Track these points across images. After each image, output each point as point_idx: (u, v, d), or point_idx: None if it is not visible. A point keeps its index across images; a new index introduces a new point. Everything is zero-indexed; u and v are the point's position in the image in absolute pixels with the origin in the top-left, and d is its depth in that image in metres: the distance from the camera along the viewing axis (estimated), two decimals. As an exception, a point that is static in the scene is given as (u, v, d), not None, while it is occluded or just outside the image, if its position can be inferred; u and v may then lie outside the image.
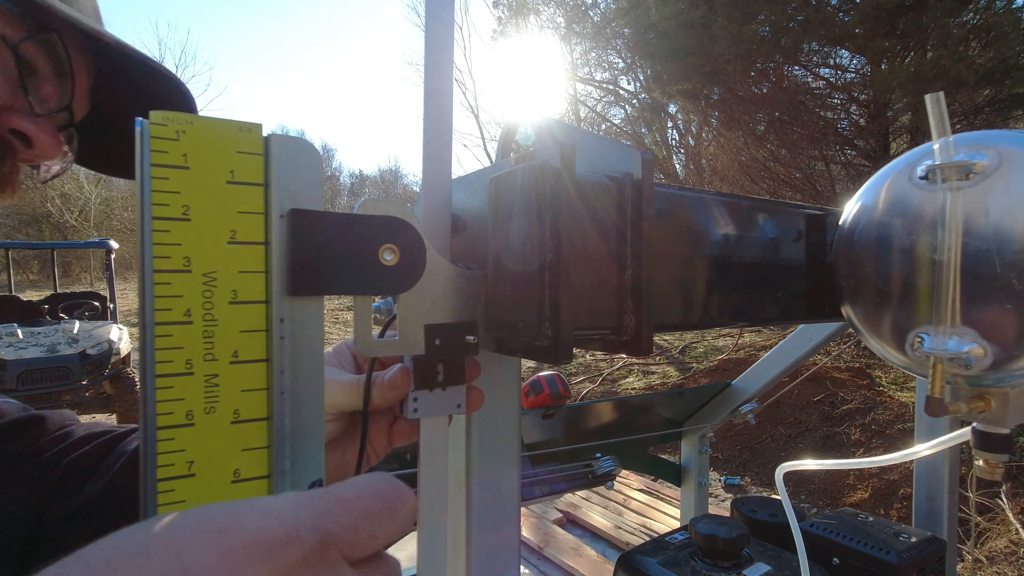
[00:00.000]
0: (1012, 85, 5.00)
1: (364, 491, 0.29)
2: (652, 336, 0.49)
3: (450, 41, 0.50)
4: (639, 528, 2.93)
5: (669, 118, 9.89)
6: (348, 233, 0.42)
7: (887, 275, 0.67)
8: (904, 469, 3.63)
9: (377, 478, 0.30)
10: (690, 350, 7.37)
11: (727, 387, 1.43)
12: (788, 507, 0.74)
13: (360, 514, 0.28)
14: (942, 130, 0.61)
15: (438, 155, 0.50)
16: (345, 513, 0.27)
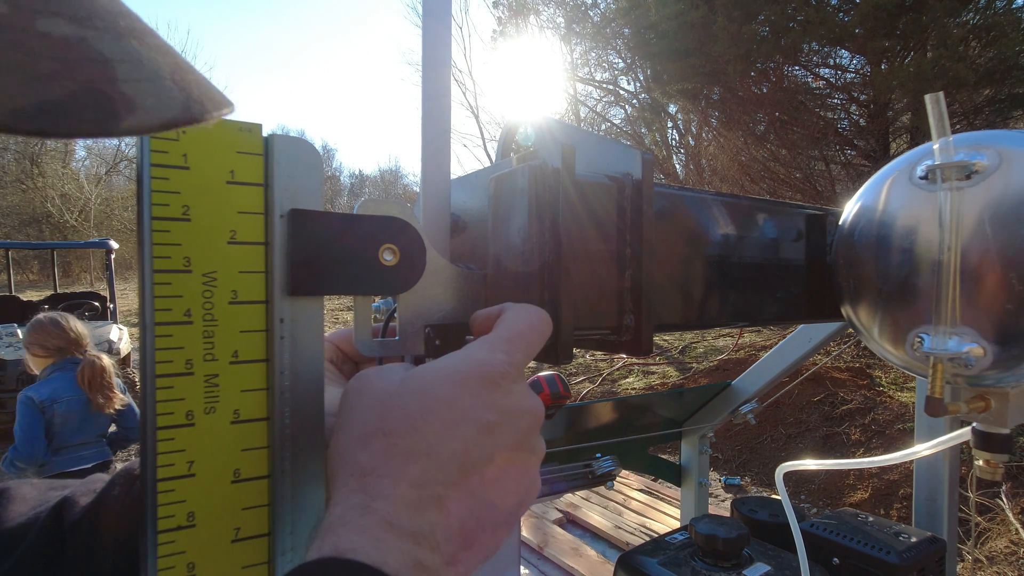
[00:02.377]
0: (1012, 85, 5.00)
1: (532, 325, 0.39)
2: (652, 336, 0.49)
3: (448, 41, 0.50)
4: (639, 528, 2.94)
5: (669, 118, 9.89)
6: (348, 233, 0.42)
7: (887, 275, 0.67)
8: (904, 469, 3.63)
9: (537, 313, 0.40)
10: (690, 350, 7.37)
11: (727, 387, 1.43)
12: (788, 507, 0.74)
13: (530, 342, 0.39)
14: (942, 130, 0.61)
15: (438, 155, 0.50)
16: (524, 344, 0.38)
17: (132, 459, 0.57)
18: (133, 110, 0.24)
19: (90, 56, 0.23)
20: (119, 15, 0.25)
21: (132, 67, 0.24)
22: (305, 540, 0.41)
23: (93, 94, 0.23)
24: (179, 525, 0.36)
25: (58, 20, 0.22)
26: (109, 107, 0.24)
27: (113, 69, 0.24)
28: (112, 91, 0.23)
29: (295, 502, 0.40)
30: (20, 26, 0.21)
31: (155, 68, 0.25)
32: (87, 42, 0.23)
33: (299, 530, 0.40)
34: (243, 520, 0.38)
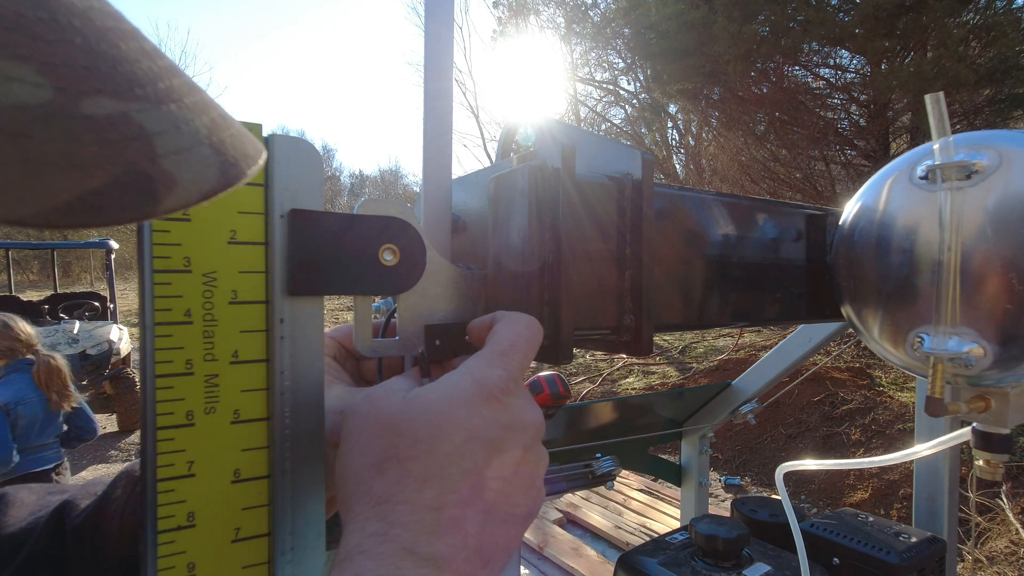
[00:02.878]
0: (1012, 85, 5.00)
1: (523, 334, 0.40)
2: (652, 336, 0.49)
3: (450, 41, 0.50)
4: (639, 528, 2.94)
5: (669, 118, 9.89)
6: (348, 233, 0.42)
7: (887, 275, 0.67)
8: (904, 469, 3.63)
9: (526, 321, 0.41)
10: (690, 350, 7.37)
11: (727, 387, 1.43)
12: (788, 507, 0.74)
13: (524, 352, 0.39)
14: (942, 130, 0.61)
15: (438, 155, 0.50)
16: (519, 356, 0.39)
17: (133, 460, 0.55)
18: (172, 188, 0.24)
19: (131, 133, 0.22)
20: (158, 76, 0.24)
21: (171, 137, 0.24)
22: (304, 540, 0.41)
23: (134, 176, 0.23)
24: (179, 525, 0.36)
25: (101, 98, 0.22)
26: (150, 189, 0.23)
27: (153, 145, 0.23)
28: (153, 170, 0.23)
29: (295, 502, 0.40)
30: (66, 112, 0.21)
31: (193, 132, 0.25)
32: (129, 117, 0.23)
33: (299, 530, 0.40)
34: (243, 520, 0.38)
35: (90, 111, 0.21)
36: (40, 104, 0.20)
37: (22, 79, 0.19)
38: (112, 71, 0.22)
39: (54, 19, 0.21)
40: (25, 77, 0.20)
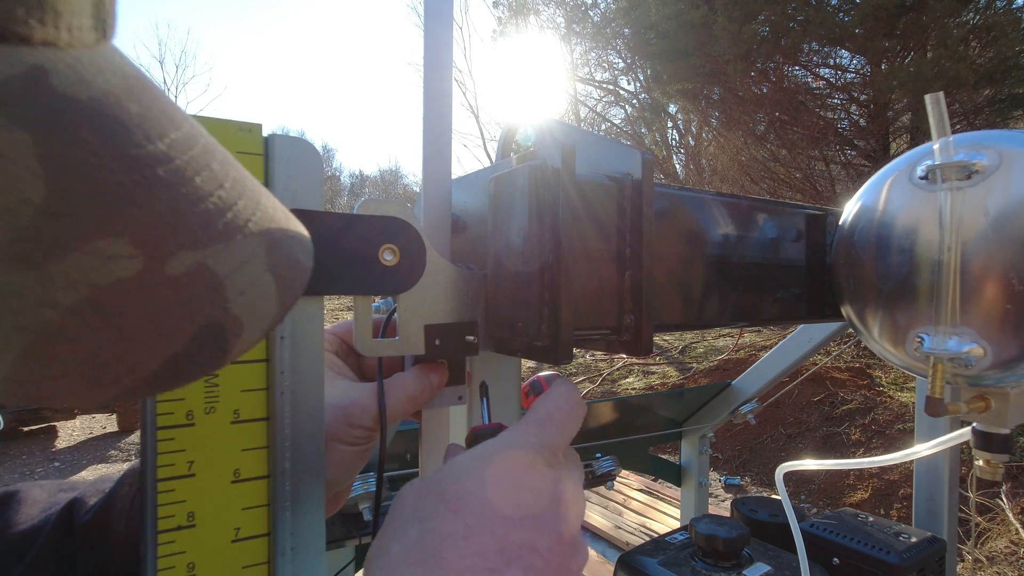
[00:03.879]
0: (1012, 85, 5.00)
1: (563, 407, 0.40)
2: (652, 336, 0.49)
3: (449, 41, 0.50)
4: (639, 528, 2.94)
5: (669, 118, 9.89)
6: (348, 233, 0.42)
7: (887, 275, 0.67)
8: (904, 469, 3.63)
9: (565, 394, 0.41)
10: (690, 350, 7.37)
11: (727, 387, 1.43)
12: (788, 507, 0.74)
13: (565, 425, 0.40)
14: (942, 130, 0.61)
15: (438, 155, 0.50)
16: (559, 428, 0.39)
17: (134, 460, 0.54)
18: (240, 333, 0.23)
19: (207, 283, 0.22)
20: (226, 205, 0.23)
21: (239, 276, 0.23)
22: (304, 540, 0.41)
23: (209, 331, 0.22)
24: (179, 525, 0.36)
25: (182, 253, 0.21)
26: (222, 340, 0.22)
27: (225, 290, 0.22)
28: (224, 319, 0.22)
29: (295, 502, 0.40)
30: (154, 279, 0.20)
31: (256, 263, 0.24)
32: (204, 266, 0.21)
33: (299, 530, 0.40)
34: (243, 520, 0.38)
35: (173, 271, 0.20)
36: (132, 276, 0.19)
37: (118, 254, 0.19)
38: (190, 218, 0.21)
39: (144, 178, 0.20)
40: (121, 252, 0.19)
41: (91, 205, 0.18)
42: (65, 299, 0.18)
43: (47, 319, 0.17)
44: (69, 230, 0.18)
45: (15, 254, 0.17)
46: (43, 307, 0.17)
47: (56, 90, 0.18)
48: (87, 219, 0.18)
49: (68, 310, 0.18)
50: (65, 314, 0.18)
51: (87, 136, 0.18)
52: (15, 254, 0.17)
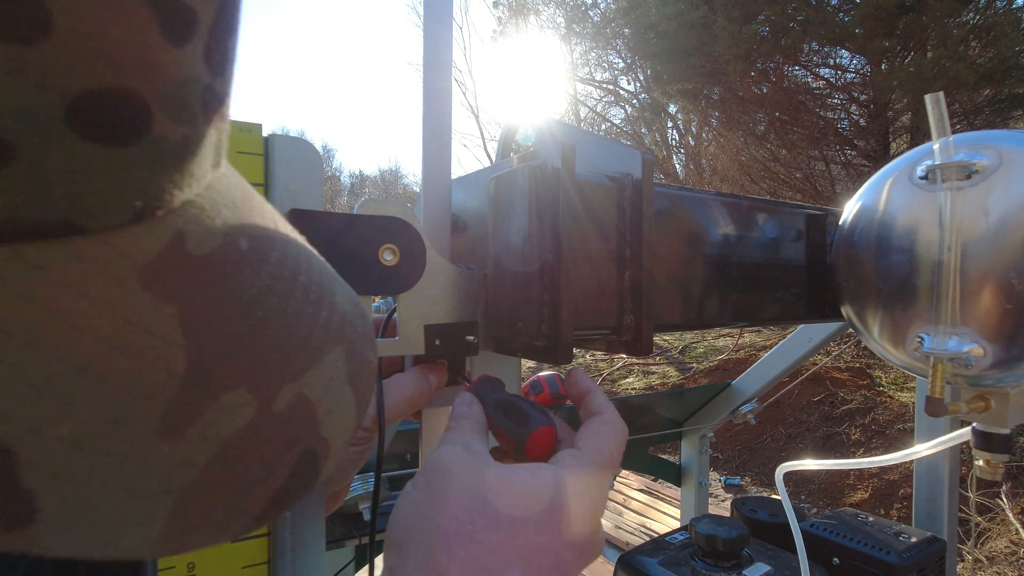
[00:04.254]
0: (1012, 85, 5.00)
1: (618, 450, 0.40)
2: (652, 336, 0.49)
3: (449, 41, 0.50)
4: (639, 528, 2.94)
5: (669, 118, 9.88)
6: (348, 233, 0.42)
7: (887, 275, 0.67)
8: (904, 469, 3.63)
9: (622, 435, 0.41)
10: (690, 350, 7.37)
11: (727, 387, 1.43)
12: (788, 507, 0.74)
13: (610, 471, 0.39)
14: (942, 130, 0.61)
15: (438, 155, 0.50)
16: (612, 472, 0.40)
17: None
18: (328, 454, 0.23)
19: (304, 413, 0.21)
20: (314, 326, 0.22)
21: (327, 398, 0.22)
22: (304, 540, 0.41)
23: (306, 459, 0.22)
24: (179, 525, 0.36)
25: (285, 388, 0.20)
26: (315, 465, 0.22)
27: (316, 415, 0.22)
28: (317, 444, 0.22)
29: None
30: (264, 421, 0.20)
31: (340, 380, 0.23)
32: (302, 396, 0.21)
33: (299, 530, 0.40)
34: (243, 520, 0.38)
35: (278, 408, 0.20)
36: (248, 423, 0.19)
37: (238, 405, 0.19)
38: (289, 350, 0.21)
39: (256, 320, 0.20)
40: (240, 401, 0.19)
41: (218, 364, 0.19)
42: (200, 458, 0.18)
43: (187, 479, 0.18)
44: (203, 393, 0.18)
45: (163, 427, 0.17)
46: (184, 468, 0.18)
47: (192, 254, 0.19)
48: (216, 378, 0.18)
49: (202, 468, 0.18)
50: (200, 472, 0.18)
51: (216, 295, 0.19)
52: (163, 427, 0.17)
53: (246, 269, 0.20)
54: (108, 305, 0.17)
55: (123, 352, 0.17)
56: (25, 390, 0.15)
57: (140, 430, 0.17)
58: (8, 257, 0.15)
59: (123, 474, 0.17)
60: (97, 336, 0.16)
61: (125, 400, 0.17)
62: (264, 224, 0.23)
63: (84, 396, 0.16)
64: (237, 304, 0.20)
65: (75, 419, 0.16)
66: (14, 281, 0.15)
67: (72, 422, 0.16)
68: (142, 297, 0.17)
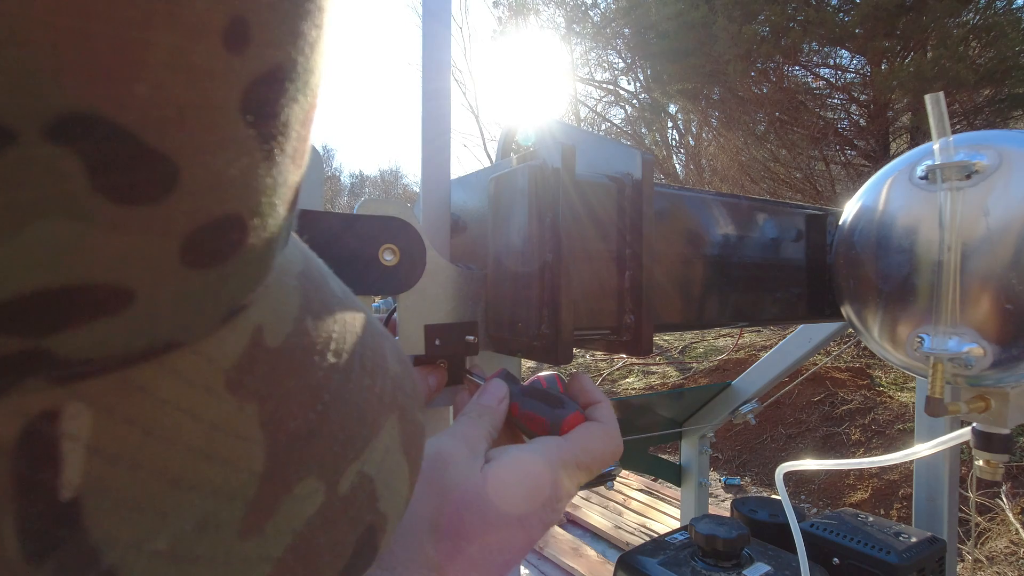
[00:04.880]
0: (1012, 85, 5.00)
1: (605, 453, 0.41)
2: (652, 336, 0.49)
3: (448, 41, 0.50)
4: (639, 528, 2.94)
5: (669, 118, 9.88)
6: (348, 233, 0.42)
7: (887, 275, 0.67)
8: (904, 469, 3.63)
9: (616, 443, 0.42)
10: (690, 350, 7.37)
11: (727, 387, 1.43)
12: (788, 507, 0.74)
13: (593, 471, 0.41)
14: (942, 130, 0.61)
15: (438, 155, 0.50)
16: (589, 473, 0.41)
17: None
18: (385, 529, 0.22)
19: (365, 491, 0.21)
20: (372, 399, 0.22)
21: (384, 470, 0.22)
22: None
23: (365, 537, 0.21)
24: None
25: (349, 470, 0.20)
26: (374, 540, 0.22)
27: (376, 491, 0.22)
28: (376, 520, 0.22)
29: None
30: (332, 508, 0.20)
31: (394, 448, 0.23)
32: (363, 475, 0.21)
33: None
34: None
35: (343, 491, 0.20)
36: (317, 510, 0.19)
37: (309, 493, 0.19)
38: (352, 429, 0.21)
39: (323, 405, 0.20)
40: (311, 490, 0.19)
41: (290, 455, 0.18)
42: (276, 551, 0.18)
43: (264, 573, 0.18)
44: (279, 487, 0.18)
45: (245, 527, 0.17)
46: (262, 563, 0.18)
47: (269, 346, 0.18)
48: (290, 470, 0.18)
49: (278, 560, 0.18)
50: (276, 565, 0.18)
51: (290, 385, 0.19)
52: (245, 527, 0.17)
53: (313, 353, 0.20)
54: (198, 415, 0.17)
55: (211, 460, 0.17)
56: (128, 512, 0.15)
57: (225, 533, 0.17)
58: (116, 385, 0.15)
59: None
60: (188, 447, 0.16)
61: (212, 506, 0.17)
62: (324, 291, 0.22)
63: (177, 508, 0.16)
64: (307, 390, 0.19)
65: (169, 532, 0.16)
66: (121, 408, 0.15)
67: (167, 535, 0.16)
68: (228, 401, 0.17)
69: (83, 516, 0.15)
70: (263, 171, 0.15)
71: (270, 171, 0.16)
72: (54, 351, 0.14)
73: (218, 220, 0.15)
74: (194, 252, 0.14)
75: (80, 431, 0.15)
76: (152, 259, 0.14)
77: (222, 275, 0.16)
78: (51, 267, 0.12)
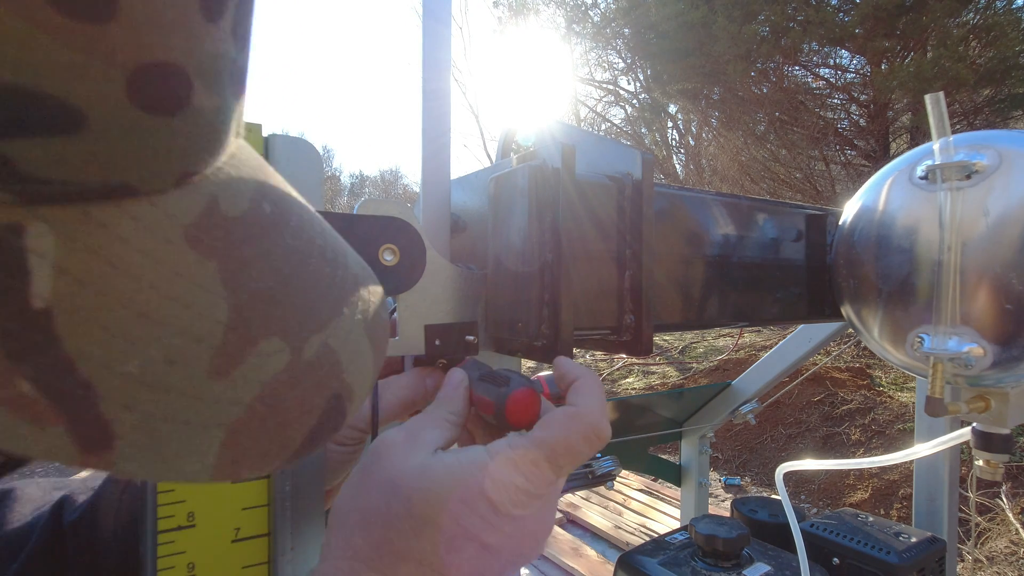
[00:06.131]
0: (1012, 85, 5.00)
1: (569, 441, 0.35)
2: (652, 336, 0.49)
3: (448, 41, 0.50)
4: (639, 528, 2.94)
5: (669, 118, 9.88)
6: (348, 233, 0.41)
7: (887, 275, 0.67)
8: (904, 469, 3.63)
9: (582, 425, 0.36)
10: (690, 350, 7.37)
11: (727, 387, 1.43)
12: (788, 507, 0.74)
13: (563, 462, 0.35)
14: (942, 130, 0.61)
15: (438, 155, 0.50)
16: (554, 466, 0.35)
17: None
18: (352, 398, 0.25)
19: (330, 360, 0.24)
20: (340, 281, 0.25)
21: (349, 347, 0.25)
22: (304, 540, 0.41)
23: (333, 402, 0.24)
24: (179, 525, 0.36)
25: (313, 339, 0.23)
26: (341, 407, 0.24)
27: (341, 363, 0.24)
28: (342, 388, 0.24)
29: (295, 502, 0.40)
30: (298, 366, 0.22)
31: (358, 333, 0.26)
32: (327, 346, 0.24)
33: (299, 530, 0.40)
34: (243, 520, 0.38)
35: (308, 356, 0.23)
36: (284, 368, 0.22)
37: (274, 351, 0.22)
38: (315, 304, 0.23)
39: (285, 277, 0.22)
40: (275, 348, 0.22)
41: (255, 314, 0.21)
42: (245, 397, 0.21)
43: (235, 415, 0.21)
44: (244, 339, 0.21)
45: (212, 368, 0.20)
46: (232, 406, 0.20)
47: (226, 215, 0.21)
48: (254, 326, 0.21)
49: (248, 406, 0.21)
50: (246, 409, 0.21)
51: (247, 251, 0.21)
52: (212, 368, 0.20)
53: (271, 230, 0.23)
54: (160, 260, 0.19)
55: (175, 301, 0.19)
56: (99, 332, 0.18)
57: (194, 370, 0.19)
58: (77, 216, 0.17)
59: (182, 408, 0.19)
60: (153, 286, 0.19)
61: (179, 343, 0.19)
62: (282, 190, 0.25)
63: (145, 338, 0.18)
64: (267, 261, 0.22)
65: (139, 358, 0.18)
66: (83, 237, 0.17)
67: (137, 361, 0.18)
68: (188, 253, 0.20)
69: (55, 326, 0.17)
70: (200, 29, 0.17)
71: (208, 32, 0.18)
72: (14, 161, 0.15)
73: (161, 65, 0.17)
74: (141, 92, 0.16)
75: (45, 249, 0.17)
76: (98, 84, 0.15)
77: (172, 128, 0.18)
78: (2, 60, 0.14)
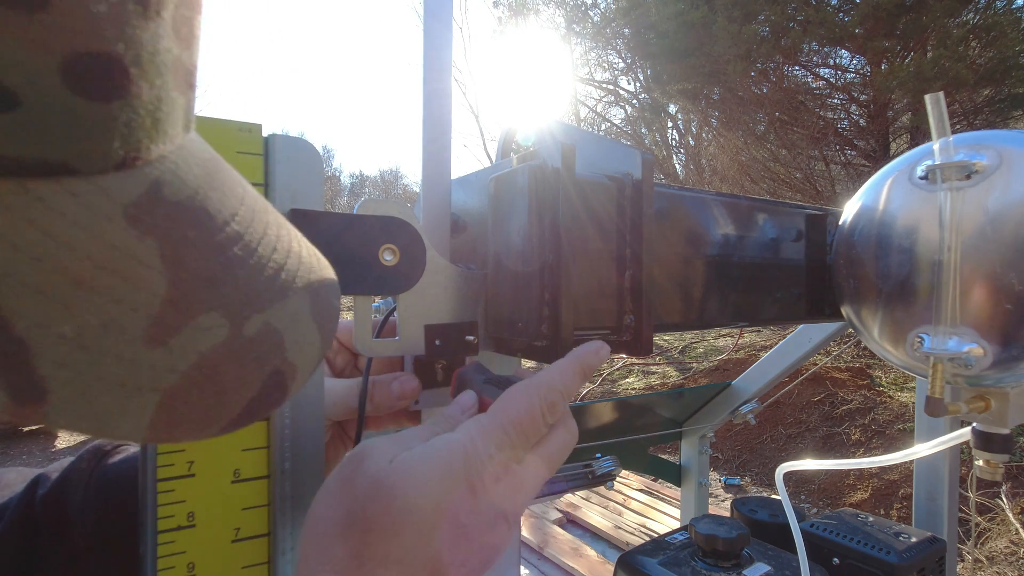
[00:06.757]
0: (1012, 85, 5.00)
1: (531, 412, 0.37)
2: (652, 336, 0.49)
3: (449, 41, 0.50)
4: (639, 528, 2.94)
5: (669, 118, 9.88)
6: (348, 233, 0.42)
7: (887, 275, 0.67)
8: (904, 469, 3.63)
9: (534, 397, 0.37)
10: (690, 350, 7.37)
11: (727, 387, 1.43)
12: (788, 507, 0.74)
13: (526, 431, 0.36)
14: (942, 130, 0.61)
15: (438, 155, 0.50)
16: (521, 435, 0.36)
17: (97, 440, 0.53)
18: (295, 376, 0.27)
19: (272, 340, 0.25)
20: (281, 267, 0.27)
21: (293, 329, 0.27)
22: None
23: (275, 378, 0.26)
24: (179, 525, 0.36)
25: (254, 317, 0.25)
26: (283, 384, 0.26)
27: (284, 342, 0.26)
28: (284, 366, 0.26)
29: (295, 502, 0.40)
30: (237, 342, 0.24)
31: (304, 316, 0.27)
32: (269, 325, 0.25)
33: (299, 530, 0.40)
34: (243, 520, 0.38)
35: (248, 333, 0.24)
36: (223, 341, 0.23)
37: (213, 325, 0.23)
38: (258, 286, 0.25)
39: (227, 259, 0.24)
40: (214, 323, 0.23)
41: (194, 290, 0.23)
42: (181, 365, 0.22)
43: (171, 381, 0.22)
44: (182, 312, 0.22)
45: (148, 336, 0.21)
46: (168, 373, 0.22)
47: (168, 199, 0.22)
48: (192, 301, 0.22)
49: (183, 373, 0.22)
50: (182, 376, 0.22)
51: (190, 234, 0.23)
52: (148, 336, 0.21)
53: (217, 217, 0.24)
54: (98, 234, 0.20)
55: (112, 273, 0.20)
56: (33, 294, 0.19)
57: (129, 336, 0.21)
58: (15, 189, 0.18)
59: (116, 371, 0.21)
60: (89, 257, 0.20)
61: (115, 311, 0.20)
62: (232, 181, 0.26)
63: (80, 304, 0.20)
64: (208, 245, 0.23)
65: (74, 322, 0.19)
66: (20, 208, 0.18)
67: (72, 324, 0.19)
68: (126, 230, 0.21)
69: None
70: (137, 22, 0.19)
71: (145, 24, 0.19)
72: None
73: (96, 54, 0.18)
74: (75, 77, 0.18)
75: None
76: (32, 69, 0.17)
77: (110, 114, 0.19)
78: None
